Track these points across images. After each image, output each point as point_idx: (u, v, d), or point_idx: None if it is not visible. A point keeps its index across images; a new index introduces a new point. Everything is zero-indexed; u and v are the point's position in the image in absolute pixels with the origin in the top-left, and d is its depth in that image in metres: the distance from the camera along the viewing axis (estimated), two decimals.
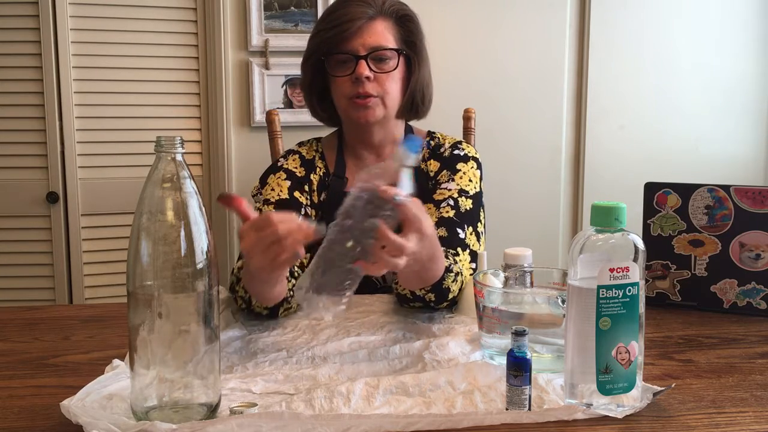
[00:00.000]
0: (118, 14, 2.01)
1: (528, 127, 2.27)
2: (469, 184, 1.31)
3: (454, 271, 1.08)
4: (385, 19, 1.29)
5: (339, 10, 1.27)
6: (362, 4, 1.27)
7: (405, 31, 1.31)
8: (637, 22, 2.27)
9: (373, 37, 1.26)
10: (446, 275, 1.05)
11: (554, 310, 0.89)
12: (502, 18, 2.21)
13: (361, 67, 1.25)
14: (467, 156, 1.36)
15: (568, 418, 0.74)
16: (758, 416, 0.76)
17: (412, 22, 1.32)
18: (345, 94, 1.28)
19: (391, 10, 1.30)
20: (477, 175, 1.34)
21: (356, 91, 1.26)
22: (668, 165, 2.29)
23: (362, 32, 1.26)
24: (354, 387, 0.80)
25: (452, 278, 1.07)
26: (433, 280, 1.04)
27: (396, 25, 1.30)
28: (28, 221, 2.03)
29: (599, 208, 0.75)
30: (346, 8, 1.27)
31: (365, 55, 1.25)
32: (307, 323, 1.09)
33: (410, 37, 1.32)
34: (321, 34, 1.29)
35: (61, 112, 2.00)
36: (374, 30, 1.27)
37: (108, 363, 0.89)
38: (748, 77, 2.34)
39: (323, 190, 1.35)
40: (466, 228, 1.24)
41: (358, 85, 1.25)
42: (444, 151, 1.37)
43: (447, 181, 1.31)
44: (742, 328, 1.09)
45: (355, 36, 1.26)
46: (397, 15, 1.31)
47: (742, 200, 1.14)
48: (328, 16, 1.30)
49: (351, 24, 1.25)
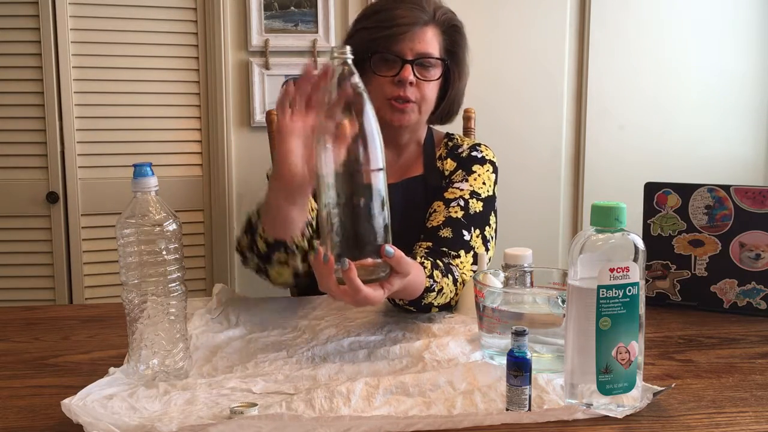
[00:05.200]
0: (118, 14, 2.01)
1: (528, 127, 2.27)
2: (482, 186, 1.31)
3: (435, 290, 1.07)
4: (435, 26, 1.29)
5: (394, 11, 1.27)
6: (416, 8, 1.27)
7: (450, 41, 1.32)
8: (637, 22, 2.26)
9: (422, 44, 1.26)
10: (426, 295, 1.06)
11: (554, 310, 0.89)
12: (501, 18, 2.21)
13: (406, 71, 1.25)
14: (484, 159, 1.36)
15: (568, 418, 0.74)
16: (758, 416, 0.76)
17: (459, 34, 1.33)
18: (384, 94, 1.27)
19: (443, 18, 1.30)
20: (492, 178, 1.34)
21: (397, 93, 1.25)
22: (668, 165, 2.29)
23: (413, 37, 1.26)
24: (354, 387, 0.80)
25: (433, 296, 1.08)
26: (409, 298, 1.05)
27: (443, 34, 1.31)
28: (28, 221, 2.03)
29: (599, 208, 0.75)
30: (401, 10, 1.26)
31: (412, 60, 1.25)
32: (307, 323, 1.09)
33: (454, 48, 1.33)
34: (372, 32, 1.28)
35: (61, 112, 2.00)
36: (424, 36, 1.27)
37: (108, 363, 0.89)
38: (748, 77, 2.34)
39: None
40: (472, 230, 1.23)
41: (399, 88, 1.25)
42: (462, 151, 1.37)
43: (460, 180, 1.31)
44: (742, 328, 1.09)
45: (407, 39, 1.25)
46: (447, 24, 1.31)
47: (742, 200, 1.14)
48: (380, 14, 1.28)
49: (406, 27, 1.25)
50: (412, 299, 1.05)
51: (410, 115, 1.28)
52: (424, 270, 1.04)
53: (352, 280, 0.84)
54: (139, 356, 0.86)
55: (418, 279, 1.01)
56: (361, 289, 0.84)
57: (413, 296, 1.04)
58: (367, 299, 0.86)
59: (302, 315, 1.14)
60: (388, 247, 0.86)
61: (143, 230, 0.84)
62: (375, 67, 1.27)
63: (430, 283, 1.05)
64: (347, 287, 0.85)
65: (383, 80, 1.27)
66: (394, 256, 0.86)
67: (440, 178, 1.34)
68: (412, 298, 1.04)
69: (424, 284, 1.04)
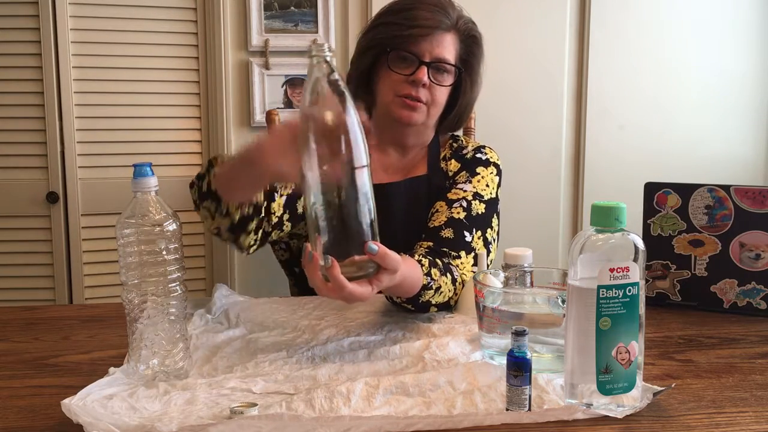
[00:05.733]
0: (118, 14, 2.01)
1: (528, 127, 2.26)
2: (485, 189, 1.31)
3: (433, 288, 1.07)
4: (455, 34, 1.30)
5: (418, 11, 1.27)
6: (440, 12, 1.28)
7: (467, 50, 1.33)
8: (637, 22, 2.26)
9: (440, 48, 1.27)
10: (423, 292, 1.05)
11: (554, 310, 0.89)
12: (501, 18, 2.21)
13: (421, 72, 1.26)
14: (488, 161, 1.36)
15: (568, 418, 0.74)
16: (758, 416, 0.76)
17: (477, 45, 1.34)
18: (396, 90, 1.28)
19: (464, 28, 1.31)
20: (495, 181, 1.34)
21: (408, 91, 1.27)
22: (668, 165, 2.29)
23: (433, 40, 1.27)
24: (354, 387, 0.80)
25: (431, 294, 1.07)
26: (406, 295, 1.05)
27: (461, 42, 1.32)
28: (28, 221, 2.03)
29: (599, 208, 0.75)
30: (425, 11, 1.27)
31: (428, 63, 1.26)
32: (307, 323, 1.09)
33: (469, 58, 1.34)
34: (394, 28, 1.28)
35: (61, 112, 1.99)
36: (443, 41, 1.28)
37: (108, 363, 0.89)
38: (748, 77, 2.34)
39: None
40: (474, 232, 1.23)
41: (412, 87, 1.26)
42: (466, 153, 1.37)
43: (464, 182, 1.31)
44: (742, 328, 1.09)
45: (426, 41, 1.26)
46: (467, 34, 1.32)
47: (742, 200, 1.14)
48: (404, 12, 1.29)
49: (427, 30, 1.26)
50: (410, 297, 1.05)
51: (418, 115, 1.29)
52: (421, 267, 1.04)
53: (336, 277, 0.84)
54: (139, 356, 0.86)
55: (414, 276, 1.01)
56: (346, 286, 0.85)
57: (410, 293, 1.04)
58: (353, 295, 0.86)
59: (302, 315, 1.14)
60: (372, 243, 0.86)
61: (143, 230, 0.84)
62: (391, 63, 1.28)
63: (427, 280, 1.05)
64: (332, 284, 0.85)
65: (397, 77, 1.28)
66: (378, 252, 0.86)
67: (444, 178, 1.35)
68: (409, 295, 1.04)
69: (422, 281, 1.04)
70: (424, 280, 1.04)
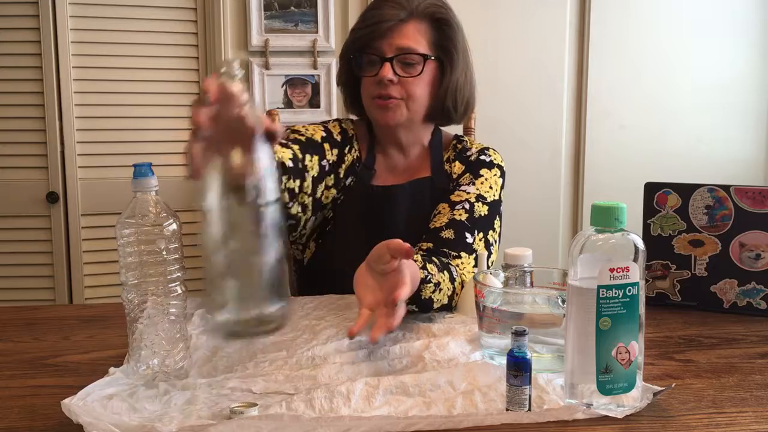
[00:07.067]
0: (118, 14, 2.01)
1: (528, 127, 2.27)
2: (489, 191, 1.30)
3: (432, 282, 1.06)
4: (418, 21, 1.26)
5: (373, 10, 1.27)
6: (396, 6, 1.25)
7: (440, 34, 1.28)
8: (637, 22, 2.27)
9: (402, 39, 1.24)
10: (423, 287, 1.04)
11: (554, 310, 0.89)
12: (501, 18, 2.21)
13: (384, 69, 1.24)
14: (492, 163, 1.35)
15: (568, 418, 0.74)
16: (758, 416, 0.76)
17: (448, 26, 1.29)
18: (369, 93, 1.28)
19: (426, 12, 1.26)
20: (499, 183, 1.34)
21: (378, 92, 1.26)
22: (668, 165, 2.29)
23: (392, 34, 1.24)
24: (354, 387, 0.80)
25: (431, 288, 1.06)
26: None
27: (431, 28, 1.27)
28: (28, 221, 2.03)
29: (599, 208, 0.75)
30: (380, 9, 1.26)
31: (391, 58, 1.24)
32: (307, 323, 1.09)
33: (444, 42, 1.28)
34: (354, 33, 1.29)
35: (61, 112, 2.00)
36: (404, 33, 1.25)
37: (108, 363, 0.89)
38: (748, 77, 2.34)
39: (351, 175, 1.35)
40: (476, 233, 1.23)
41: (380, 87, 1.25)
42: (470, 155, 1.36)
43: (467, 184, 1.31)
44: (742, 328, 1.09)
45: (384, 37, 1.25)
46: (433, 17, 1.27)
47: (742, 200, 1.14)
48: (363, 15, 1.30)
49: (381, 25, 1.24)
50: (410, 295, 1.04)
51: (395, 113, 1.27)
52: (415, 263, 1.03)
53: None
54: (139, 356, 0.86)
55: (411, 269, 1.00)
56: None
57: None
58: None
59: (302, 315, 1.14)
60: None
61: (143, 230, 0.84)
62: (359, 68, 1.28)
63: (424, 274, 1.05)
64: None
65: (367, 80, 1.28)
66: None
67: (448, 180, 1.34)
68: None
69: (419, 275, 1.03)
70: (421, 273, 1.04)
